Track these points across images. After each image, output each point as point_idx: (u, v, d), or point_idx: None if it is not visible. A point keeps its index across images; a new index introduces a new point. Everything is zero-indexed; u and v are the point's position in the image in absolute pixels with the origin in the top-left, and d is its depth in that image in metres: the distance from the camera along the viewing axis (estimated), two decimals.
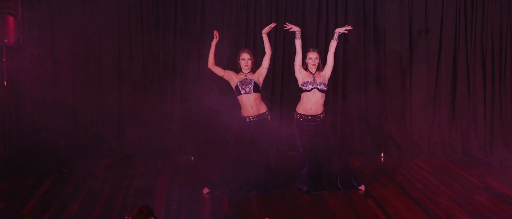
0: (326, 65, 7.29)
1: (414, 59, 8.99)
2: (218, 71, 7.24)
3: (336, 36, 7.20)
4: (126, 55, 8.70)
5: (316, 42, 8.89)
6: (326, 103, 7.39)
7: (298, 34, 7.17)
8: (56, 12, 8.39)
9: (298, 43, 7.19)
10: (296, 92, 7.59)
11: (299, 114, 7.27)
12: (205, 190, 7.22)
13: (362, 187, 7.36)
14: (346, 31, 7.27)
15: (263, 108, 7.25)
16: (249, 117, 7.19)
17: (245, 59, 7.19)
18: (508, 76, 8.66)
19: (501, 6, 8.63)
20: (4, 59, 7.99)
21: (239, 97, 7.20)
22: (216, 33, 7.30)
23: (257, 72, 7.25)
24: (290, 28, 7.20)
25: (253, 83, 7.15)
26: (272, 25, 7.24)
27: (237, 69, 7.29)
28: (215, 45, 7.24)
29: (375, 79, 9.04)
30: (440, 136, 9.00)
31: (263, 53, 7.34)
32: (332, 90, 8.88)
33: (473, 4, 8.75)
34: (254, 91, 7.15)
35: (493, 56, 8.73)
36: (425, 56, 8.95)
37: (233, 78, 7.21)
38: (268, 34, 7.28)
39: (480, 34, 8.76)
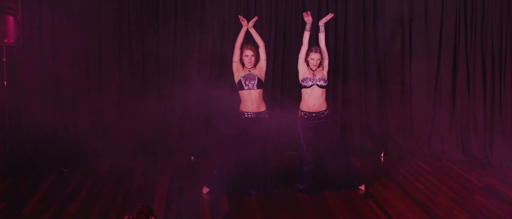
0: (323, 59, 7.30)
1: (414, 59, 8.98)
2: (236, 55, 7.20)
3: (322, 28, 7.25)
4: (126, 54, 8.69)
5: (316, 41, 8.87)
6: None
7: (307, 26, 7.20)
8: (56, 11, 8.38)
9: (306, 35, 7.21)
10: (296, 92, 7.58)
11: (303, 111, 7.27)
12: (205, 190, 7.22)
13: (362, 187, 7.36)
14: (328, 19, 7.30)
15: (263, 107, 7.25)
16: (247, 112, 7.18)
17: (249, 55, 7.19)
18: (508, 76, 8.66)
19: (501, 6, 8.63)
20: (4, 59, 7.99)
21: (241, 92, 7.19)
22: (242, 18, 7.30)
23: (257, 67, 7.25)
24: (306, 17, 7.23)
25: (256, 79, 7.15)
26: (241, 17, 7.30)
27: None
28: (245, 31, 7.23)
29: (375, 79, 9.04)
30: (440, 136, 9.00)
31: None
32: (332, 90, 8.88)
33: (473, 4, 8.75)
34: (257, 88, 7.15)
35: (493, 56, 8.73)
36: (425, 56, 8.95)
37: (239, 71, 7.21)
38: (256, 27, 7.33)
39: (480, 34, 8.75)
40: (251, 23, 7.26)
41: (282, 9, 8.89)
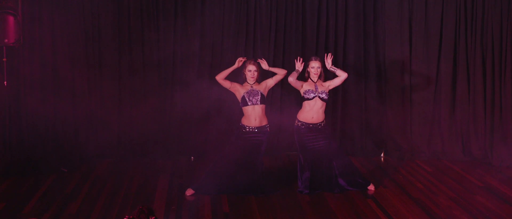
0: (332, 81, 7.31)
1: (414, 59, 8.98)
2: (225, 84, 7.19)
3: (334, 69, 7.28)
4: (126, 55, 8.70)
5: (316, 41, 8.89)
6: (326, 104, 7.37)
7: (297, 72, 7.19)
8: (56, 12, 8.39)
9: (294, 75, 7.18)
10: (295, 91, 7.57)
11: (300, 121, 7.26)
12: (189, 192, 7.15)
13: (371, 187, 7.34)
14: (331, 60, 7.32)
15: (265, 121, 7.24)
16: (249, 127, 7.17)
17: (252, 71, 7.19)
18: (508, 76, 8.66)
19: (501, 6, 8.63)
20: (4, 59, 7.99)
21: (244, 108, 7.17)
22: (240, 60, 7.28)
23: (263, 83, 7.25)
24: (297, 62, 7.26)
25: (260, 94, 7.15)
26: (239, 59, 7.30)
27: (241, 80, 7.27)
28: (234, 69, 7.24)
29: (375, 79, 9.04)
30: (440, 136, 9.00)
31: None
32: (332, 91, 8.86)
33: (473, 4, 8.75)
34: (261, 103, 7.14)
35: (493, 56, 8.73)
36: (425, 56, 8.95)
37: (239, 90, 7.19)
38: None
39: (480, 34, 8.76)
40: (265, 65, 7.25)
41: (282, 9, 8.89)
